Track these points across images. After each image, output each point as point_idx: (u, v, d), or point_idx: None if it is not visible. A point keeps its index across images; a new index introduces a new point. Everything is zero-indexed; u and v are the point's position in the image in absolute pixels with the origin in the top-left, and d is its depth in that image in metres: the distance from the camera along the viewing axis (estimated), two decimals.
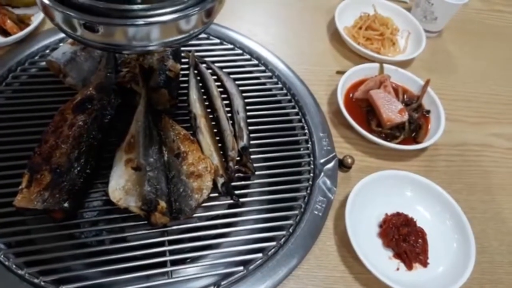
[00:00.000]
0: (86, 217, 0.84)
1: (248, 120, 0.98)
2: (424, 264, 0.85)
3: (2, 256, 0.74)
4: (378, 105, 1.01)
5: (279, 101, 1.07)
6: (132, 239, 0.82)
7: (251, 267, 0.79)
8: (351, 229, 0.83)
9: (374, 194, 0.90)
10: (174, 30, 0.66)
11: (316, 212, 0.88)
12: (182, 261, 0.81)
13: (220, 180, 0.86)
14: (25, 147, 0.86)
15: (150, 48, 0.67)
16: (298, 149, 0.99)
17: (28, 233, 0.79)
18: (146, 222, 0.80)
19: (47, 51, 1.02)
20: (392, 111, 1.01)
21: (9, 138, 0.88)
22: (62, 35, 1.05)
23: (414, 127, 1.03)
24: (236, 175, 0.90)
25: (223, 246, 0.86)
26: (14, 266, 0.73)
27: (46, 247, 0.77)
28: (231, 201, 0.87)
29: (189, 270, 0.81)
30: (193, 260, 0.83)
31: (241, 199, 0.87)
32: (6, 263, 0.73)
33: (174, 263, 0.79)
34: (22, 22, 1.02)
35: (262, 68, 1.11)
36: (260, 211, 0.92)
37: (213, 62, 1.09)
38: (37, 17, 1.03)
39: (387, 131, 1.01)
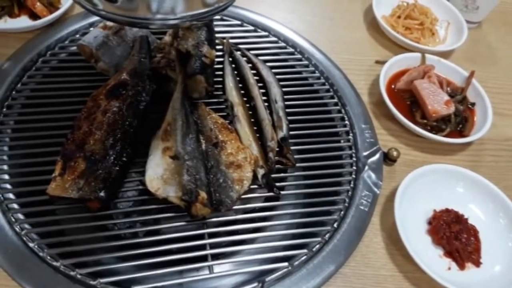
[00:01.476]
0: (121, 208, 0.79)
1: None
2: (477, 263, 0.80)
3: (36, 246, 0.70)
4: (423, 96, 0.96)
5: (316, 91, 1.02)
6: (168, 232, 0.78)
7: (296, 263, 0.75)
8: (401, 226, 0.78)
9: (422, 189, 0.85)
10: (199, 2, 0.61)
11: (361, 207, 0.83)
12: (222, 255, 0.77)
13: (260, 171, 0.82)
14: (56, 134, 0.83)
15: (174, 22, 0.62)
16: (338, 141, 0.94)
17: (59, 223, 0.75)
18: (181, 213, 0.77)
19: (77, 35, 0.98)
20: (438, 102, 0.96)
21: (39, 124, 0.84)
22: (92, 19, 1.01)
23: (459, 120, 0.98)
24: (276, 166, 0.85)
25: (261, 240, 0.82)
26: (48, 258, 0.69)
27: (79, 238, 0.73)
28: (268, 194, 0.83)
29: (230, 265, 0.77)
30: (233, 254, 0.79)
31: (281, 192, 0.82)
32: (41, 254, 0.69)
33: (214, 257, 0.74)
34: (51, 5, 0.98)
35: (298, 56, 1.06)
36: (298, 205, 0.88)
37: (247, 49, 1.04)
38: (67, 1, 0.98)
39: (432, 123, 0.96)
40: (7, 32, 0.95)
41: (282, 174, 0.87)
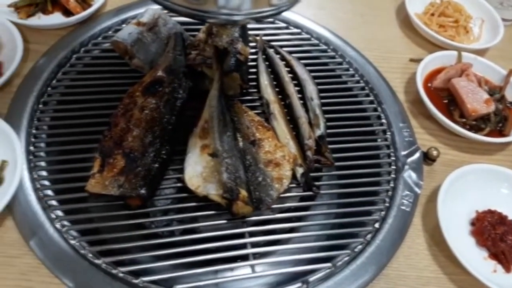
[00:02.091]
0: (158, 206, 0.78)
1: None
2: None
3: (77, 244, 0.69)
4: (462, 94, 0.94)
5: (350, 89, 1.00)
6: (205, 230, 0.77)
7: (339, 263, 0.73)
8: (444, 226, 0.76)
9: (464, 189, 0.83)
10: (265, 1, 0.61)
11: (403, 208, 0.81)
12: (263, 255, 0.76)
13: (300, 170, 0.80)
14: (91, 130, 0.82)
15: (237, 18, 0.62)
16: (375, 140, 0.92)
17: (98, 221, 0.74)
18: (218, 212, 0.76)
19: (110, 32, 0.98)
20: (477, 101, 0.93)
21: (75, 121, 0.83)
22: (124, 16, 1.01)
23: (499, 119, 0.95)
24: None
25: (298, 240, 0.80)
26: (90, 255, 0.68)
27: (118, 236, 0.72)
28: (304, 193, 0.81)
29: (269, 264, 0.75)
30: (272, 253, 0.77)
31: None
32: (82, 251, 0.68)
33: (255, 256, 0.73)
34: (84, 1, 0.98)
35: (332, 53, 1.04)
36: (334, 205, 0.86)
37: (280, 47, 1.03)
38: None
39: (471, 123, 0.94)
40: (41, 28, 0.94)
41: (319, 173, 0.85)
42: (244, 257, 0.73)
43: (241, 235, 0.74)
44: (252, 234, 0.75)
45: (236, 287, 0.74)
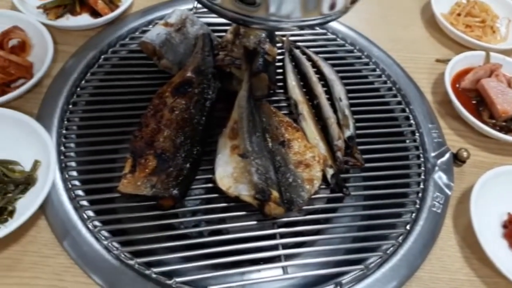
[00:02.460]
0: (188, 206, 0.78)
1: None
2: None
3: (109, 244, 0.69)
4: (491, 95, 0.93)
5: (377, 89, 0.99)
6: (233, 231, 0.77)
7: (372, 265, 0.72)
8: (478, 229, 0.75)
9: (496, 191, 0.82)
10: (316, 9, 0.60)
11: (434, 209, 0.80)
12: (293, 256, 0.75)
13: (330, 171, 0.80)
14: (120, 131, 0.83)
15: (284, 25, 0.61)
16: (403, 141, 0.91)
17: (128, 221, 0.74)
18: (246, 212, 0.76)
19: (137, 33, 0.98)
20: (507, 101, 0.92)
21: (103, 121, 0.83)
22: (150, 17, 1.01)
23: None
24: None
25: (327, 242, 0.80)
26: (123, 256, 0.68)
27: (148, 237, 0.72)
28: (331, 195, 0.81)
29: (300, 266, 0.74)
30: (302, 255, 0.77)
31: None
32: (115, 251, 0.68)
33: (287, 257, 0.73)
34: (112, 2, 0.98)
35: (358, 54, 1.04)
36: (361, 207, 0.86)
37: (305, 47, 1.02)
38: None
39: (501, 123, 0.92)
40: (70, 29, 0.95)
41: (348, 175, 0.84)
42: (275, 259, 0.73)
43: (272, 236, 0.74)
44: (282, 236, 0.74)
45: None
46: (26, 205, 0.70)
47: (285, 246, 0.74)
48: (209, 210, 0.79)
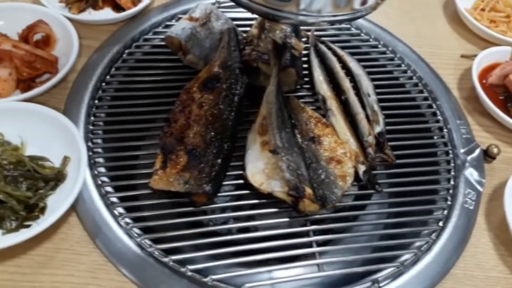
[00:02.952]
0: (218, 203, 0.77)
1: None
2: None
3: (142, 241, 0.68)
4: None
5: (402, 85, 0.98)
6: (262, 228, 0.76)
7: (406, 262, 0.71)
8: None
9: None
10: (348, 5, 0.58)
11: (466, 206, 0.79)
12: (326, 253, 0.74)
13: (362, 168, 0.79)
14: (146, 127, 0.82)
15: (313, 20, 0.59)
16: (431, 137, 0.90)
17: (157, 218, 0.73)
18: (276, 209, 0.75)
19: (160, 28, 0.97)
20: None
21: (129, 117, 0.82)
22: (173, 11, 1.00)
23: None
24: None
25: (357, 239, 0.79)
26: (156, 253, 0.67)
27: (179, 234, 0.70)
28: (359, 192, 0.81)
29: (334, 263, 0.74)
30: (334, 253, 0.76)
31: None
32: (148, 249, 0.67)
33: (321, 255, 0.72)
34: None
35: (382, 49, 1.02)
36: (390, 204, 0.85)
37: (330, 42, 1.01)
38: None
39: None
40: (93, 24, 0.93)
41: (377, 171, 0.83)
42: (308, 256, 0.72)
43: (304, 234, 0.73)
44: (317, 233, 0.73)
45: (300, 285, 0.73)
46: (57, 202, 0.69)
47: (319, 244, 0.73)
48: (238, 207, 0.77)
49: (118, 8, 0.96)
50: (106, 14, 0.95)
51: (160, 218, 0.72)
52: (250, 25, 0.97)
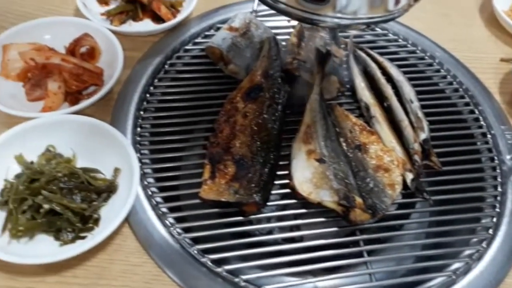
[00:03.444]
0: (264, 212, 0.77)
1: None
2: None
3: (194, 251, 0.68)
4: None
5: (442, 90, 0.97)
6: (307, 238, 0.76)
7: (458, 271, 0.71)
8: None
9: None
10: (381, 6, 0.60)
11: None
12: (377, 262, 0.74)
13: (410, 176, 0.78)
14: (191, 137, 0.83)
15: (348, 22, 0.60)
16: (474, 143, 0.89)
17: (206, 228, 0.73)
18: (325, 219, 0.75)
19: (199, 38, 0.98)
20: None
21: (174, 128, 0.83)
22: (211, 21, 1.01)
23: None
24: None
25: (405, 249, 0.79)
26: (210, 263, 0.68)
27: (230, 244, 0.71)
28: (402, 200, 0.79)
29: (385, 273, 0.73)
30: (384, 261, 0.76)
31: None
32: (202, 259, 0.68)
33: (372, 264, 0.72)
34: (173, 7, 0.98)
35: (420, 55, 1.02)
36: (433, 212, 0.84)
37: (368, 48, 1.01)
38: (189, 3, 0.98)
39: None
40: (134, 35, 0.95)
41: (422, 179, 0.82)
42: (358, 266, 0.72)
43: (355, 243, 0.73)
44: (367, 242, 0.73)
45: None
46: (110, 213, 0.70)
47: (369, 253, 0.73)
48: (284, 216, 0.78)
49: (157, 19, 0.97)
50: (147, 25, 0.97)
51: (209, 228, 0.73)
52: (288, 33, 0.98)
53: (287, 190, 0.76)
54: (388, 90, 0.89)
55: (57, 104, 0.79)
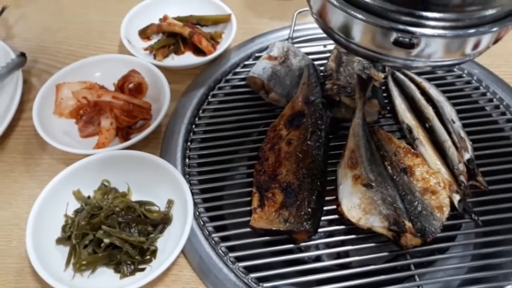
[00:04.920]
0: (313, 239, 0.78)
1: None
2: None
3: (249, 280, 0.70)
4: None
5: (482, 108, 0.97)
6: (357, 263, 0.76)
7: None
8: None
9: None
10: (460, 50, 0.56)
11: None
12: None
13: (457, 197, 0.78)
14: (237, 165, 0.86)
15: (419, 64, 0.57)
16: None
17: (258, 257, 0.75)
18: (375, 244, 0.75)
19: (238, 68, 1.01)
20: None
21: (220, 158, 0.85)
22: (249, 51, 1.04)
23: None
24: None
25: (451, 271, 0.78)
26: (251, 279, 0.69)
27: (281, 272, 0.72)
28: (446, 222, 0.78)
29: None
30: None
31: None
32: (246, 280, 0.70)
33: None
34: (212, 39, 1.01)
35: (458, 72, 1.02)
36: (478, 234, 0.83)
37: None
38: (228, 35, 1.01)
39: None
40: (177, 69, 0.98)
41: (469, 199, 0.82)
42: None
43: (406, 267, 0.73)
44: (418, 266, 0.73)
45: None
46: (166, 244, 0.72)
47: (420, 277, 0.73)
48: (333, 243, 0.79)
49: (198, 51, 1.00)
50: (189, 58, 1.00)
51: (259, 257, 0.74)
52: (324, 58, 1.00)
53: (335, 216, 0.77)
54: (429, 111, 0.90)
55: (110, 140, 0.83)
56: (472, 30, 0.50)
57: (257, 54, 1.02)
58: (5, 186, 0.82)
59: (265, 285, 0.70)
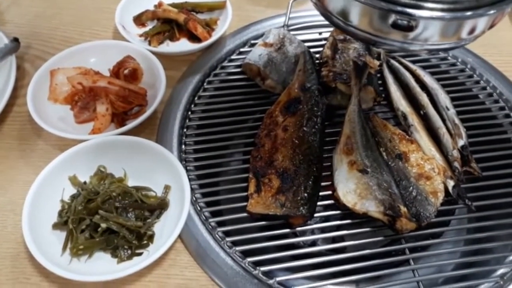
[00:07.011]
0: (308, 224, 0.79)
1: None
2: None
3: (246, 264, 0.71)
4: None
5: (476, 96, 0.98)
6: (351, 248, 0.77)
7: (506, 277, 0.71)
8: None
9: None
10: (456, 34, 0.57)
11: None
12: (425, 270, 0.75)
13: (451, 183, 0.79)
14: (233, 152, 0.86)
15: (415, 47, 0.58)
16: (510, 148, 0.89)
17: (255, 241, 0.75)
18: (368, 229, 0.76)
19: (234, 55, 1.01)
20: None
21: (216, 144, 0.86)
22: (244, 38, 1.03)
23: None
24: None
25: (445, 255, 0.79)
26: (261, 276, 0.70)
27: (278, 256, 0.73)
28: (444, 207, 0.79)
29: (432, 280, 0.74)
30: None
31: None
32: (254, 272, 0.70)
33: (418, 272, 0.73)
34: (208, 26, 1.01)
35: (452, 61, 1.03)
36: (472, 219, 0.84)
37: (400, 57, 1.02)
38: (223, 21, 1.00)
39: None
40: (172, 55, 0.98)
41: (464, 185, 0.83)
42: (404, 273, 0.74)
43: (401, 251, 0.74)
44: (411, 250, 0.74)
45: None
46: (163, 229, 0.73)
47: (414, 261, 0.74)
48: (328, 228, 0.79)
49: (193, 38, 1.00)
50: (184, 45, 1.00)
51: (255, 241, 0.74)
52: (320, 46, 1.00)
53: (330, 201, 0.78)
54: (424, 98, 0.91)
55: (105, 126, 0.83)
56: (469, 13, 0.50)
57: (252, 41, 1.02)
58: (0, 173, 0.81)
59: (262, 269, 0.70)
